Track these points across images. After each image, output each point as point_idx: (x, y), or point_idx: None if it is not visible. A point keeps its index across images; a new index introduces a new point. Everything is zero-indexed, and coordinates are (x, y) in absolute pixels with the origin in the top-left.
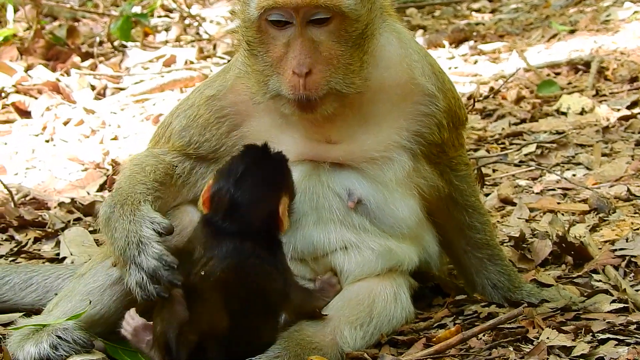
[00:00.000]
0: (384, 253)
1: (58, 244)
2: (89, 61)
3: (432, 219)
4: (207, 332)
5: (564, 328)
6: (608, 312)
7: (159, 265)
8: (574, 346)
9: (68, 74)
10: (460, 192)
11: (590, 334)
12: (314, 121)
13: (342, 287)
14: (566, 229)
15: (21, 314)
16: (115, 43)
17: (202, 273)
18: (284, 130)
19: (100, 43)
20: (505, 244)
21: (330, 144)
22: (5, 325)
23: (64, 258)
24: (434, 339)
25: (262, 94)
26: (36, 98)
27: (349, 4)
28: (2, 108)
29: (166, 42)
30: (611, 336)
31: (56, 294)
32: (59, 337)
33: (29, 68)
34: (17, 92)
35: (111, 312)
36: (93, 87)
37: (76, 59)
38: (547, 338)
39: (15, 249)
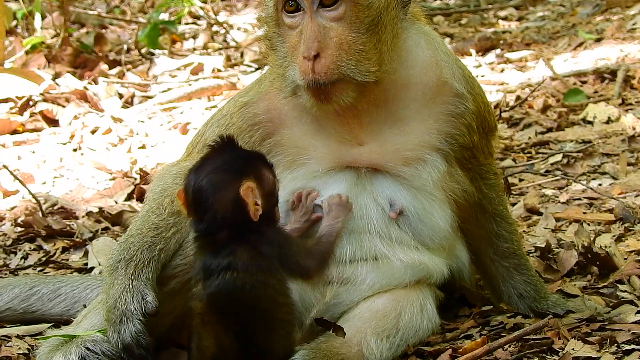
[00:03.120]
0: (413, 265)
1: (86, 254)
2: (117, 69)
3: (461, 227)
4: (217, 354)
5: (589, 339)
6: (633, 322)
7: (132, 344)
8: (599, 357)
9: (95, 82)
10: (489, 200)
11: (615, 345)
12: (338, 115)
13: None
14: (592, 239)
15: (49, 324)
16: (143, 50)
17: (194, 294)
18: (317, 136)
19: (128, 50)
20: (531, 255)
21: (362, 146)
22: (34, 335)
23: (92, 268)
24: (460, 350)
25: (284, 88)
26: (64, 106)
27: None
28: (30, 116)
29: (194, 49)
30: (636, 347)
31: (85, 305)
32: (88, 349)
33: (56, 76)
34: (45, 100)
35: None
36: (120, 96)
37: (104, 66)
38: (573, 349)
39: (44, 259)
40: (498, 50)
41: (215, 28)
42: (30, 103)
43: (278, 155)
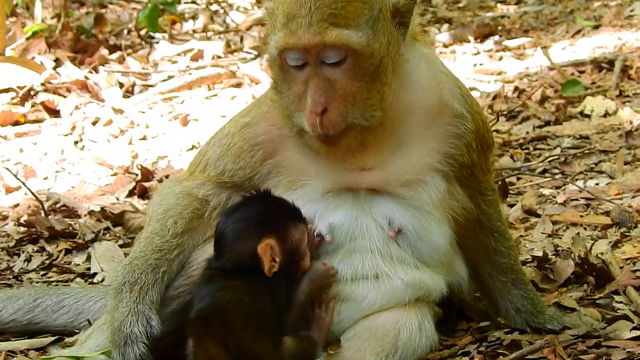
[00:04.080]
0: (413, 284)
1: (89, 258)
2: (117, 54)
3: (460, 243)
4: None
5: (584, 357)
6: (628, 339)
7: None
8: None
9: (96, 70)
10: (488, 216)
11: None
12: (346, 151)
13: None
14: (588, 248)
15: (53, 338)
16: (143, 32)
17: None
18: (319, 159)
19: (128, 32)
20: (528, 265)
21: (365, 171)
22: (38, 350)
23: (95, 274)
24: None
25: (289, 128)
26: (65, 97)
27: (360, 42)
28: (32, 107)
29: (193, 32)
30: None
31: (89, 321)
32: None
33: (57, 63)
34: (46, 90)
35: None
36: (121, 85)
37: (104, 51)
38: None
39: (47, 262)
40: (496, 37)
41: (214, 7)
42: (32, 93)
43: (278, 176)
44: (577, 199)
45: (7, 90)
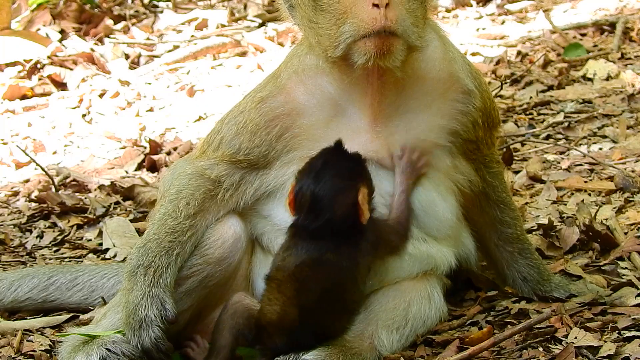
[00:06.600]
0: (421, 258)
1: (100, 233)
2: (122, 24)
3: (466, 215)
4: (275, 322)
5: (591, 325)
6: (633, 306)
7: (152, 349)
8: (601, 346)
9: (101, 41)
10: (493, 188)
11: (616, 331)
12: (364, 87)
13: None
14: (592, 214)
15: (68, 315)
16: (146, 0)
17: (278, 266)
18: (331, 126)
19: (132, 0)
20: (534, 233)
21: (374, 128)
22: (54, 327)
23: (107, 249)
24: (467, 340)
25: (334, 47)
26: (71, 69)
27: None
28: (39, 80)
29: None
30: (636, 333)
31: (103, 298)
32: (109, 350)
33: (63, 34)
34: (52, 63)
35: None
36: (127, 56)
37: (108, 22)
38: (575, 338)
39: (59, 238)
40: (498, 0)
41: None
42: (38, 66)
43: (293, 151)
44: (581, 164)
45: (14, 64)
